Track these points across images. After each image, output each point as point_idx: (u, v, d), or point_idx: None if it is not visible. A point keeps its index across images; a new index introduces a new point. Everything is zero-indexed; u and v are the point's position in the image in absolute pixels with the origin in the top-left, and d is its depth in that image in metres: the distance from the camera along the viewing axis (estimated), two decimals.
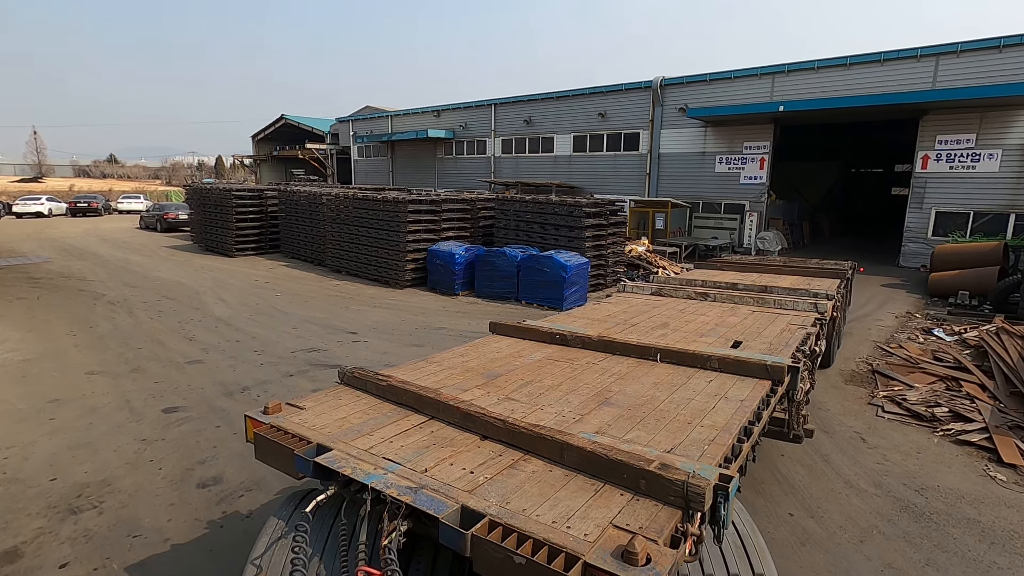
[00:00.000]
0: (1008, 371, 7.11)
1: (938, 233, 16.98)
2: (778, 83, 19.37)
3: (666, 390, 3.37)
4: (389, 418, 2.86)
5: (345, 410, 2.94)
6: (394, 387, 3.07)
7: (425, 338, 9.53)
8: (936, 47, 16.41)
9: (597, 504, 2.10)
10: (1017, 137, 15.54)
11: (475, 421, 2.72)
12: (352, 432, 2.66)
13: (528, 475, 2.32)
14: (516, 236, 14.69)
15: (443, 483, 2.22)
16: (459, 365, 3.73)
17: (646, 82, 22.79)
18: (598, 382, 3.50)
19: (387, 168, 36.97)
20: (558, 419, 2.87)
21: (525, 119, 27.60)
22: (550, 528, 1.93)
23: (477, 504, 2.05)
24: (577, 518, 2.00)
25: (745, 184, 20.85)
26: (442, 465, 2.38)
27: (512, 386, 3.37)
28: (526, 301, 12.43)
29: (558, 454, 2.42)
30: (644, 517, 2.02)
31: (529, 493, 2.17)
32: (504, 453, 2.50)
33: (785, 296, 6.29)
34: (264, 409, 2.84)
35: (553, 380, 3.51)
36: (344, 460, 2.36)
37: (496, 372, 3.61)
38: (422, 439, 2.63)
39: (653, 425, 2.85)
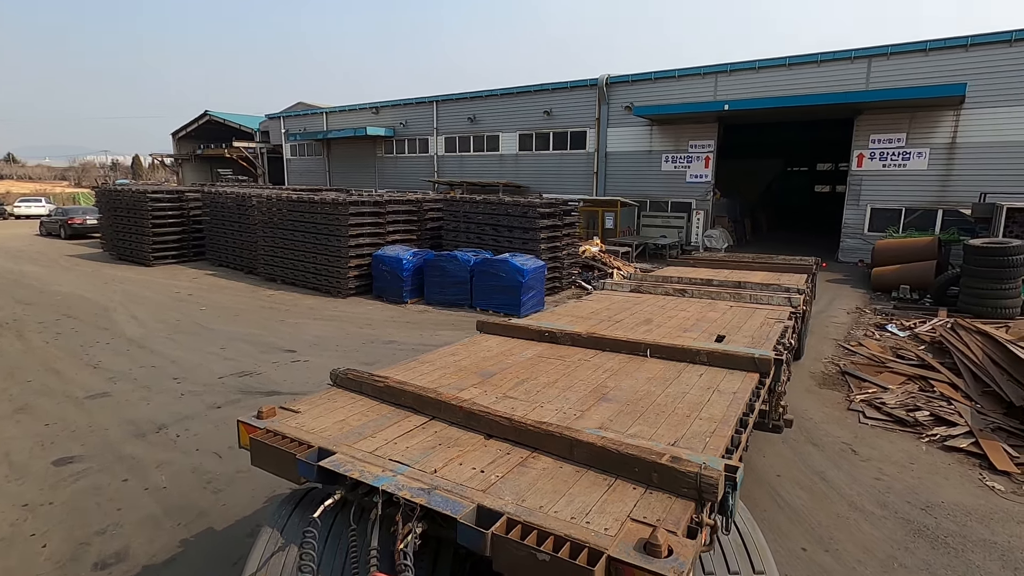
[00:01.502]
0: (976, 369, 7.08)
1: (874, 229, 17.63)
2: (721, 82, 19.58)
3: (660, 385, 3.41)
4: (390, 419, 2.81)
5: (343, 412, 2.87)
6: (392, 388, 3.01)
7: (374, 353, 8.63)
8: (869, 49, 17.01)
9: (612, 499, 2.11)
10: (943, 136, 16.32)
11: (479, 420, 2.69)
12: (354, 434, 2.62)
13: (539, 472, 2.31)
14: (467, 239, 13.93)
15: (455, 483, 2.19)
16: (452, 364, 3.67)
17: (592, 80, 22.56)
18: (593, 378, 3.51)
19: (323, 168, 35.15)
20: (559, 416, 2.87)
21: (469, 117, 26.82)
22: (569, 524, 1.92)
23: (493, 503, 2.03)
24: (595, 513, 2.01)
25: (691, 182, 21.00)
26: (451, 465, 2.35)
27: (508, 384, 3.35)
28: (480, 308, 11.71)
29: (567, 450, 2.41)
30: (660, 510, 2.04)
31: (543, 490, 2.16)
32: (512, 451, 2.49)
33: (759, 291, 6.39)
34: (258, 414, 2.76)
35: (548, 377, 3.50)
36: (350, 463, 2.31)
37: (490, 371, 3.58)
38: (427, 440, 2.60)
39: (653, 419, 2.87)
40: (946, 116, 16.13)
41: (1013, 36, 15.02)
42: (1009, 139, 15.39)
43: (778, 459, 5.44)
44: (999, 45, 15.23)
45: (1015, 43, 15.04)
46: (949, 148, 16.24)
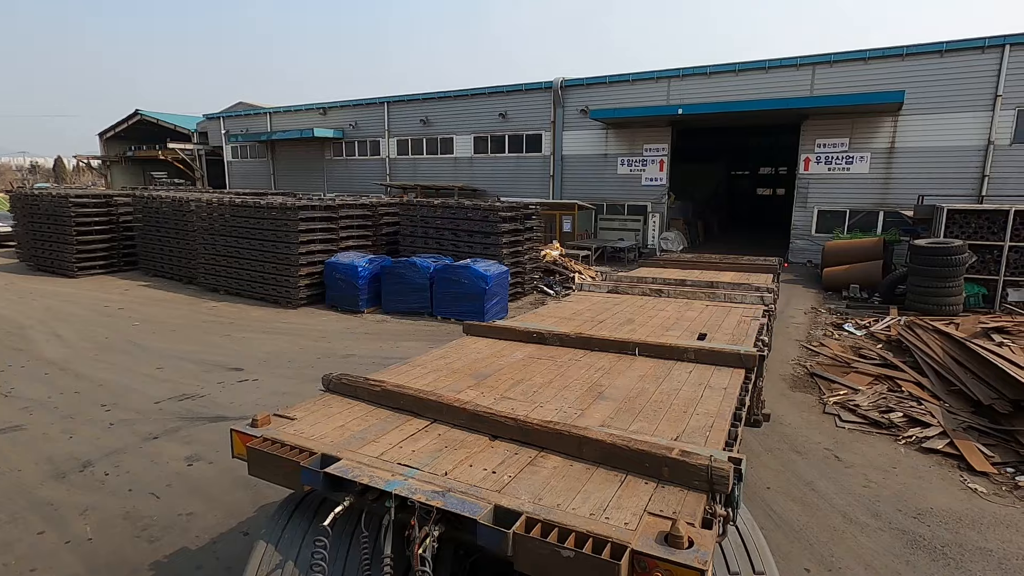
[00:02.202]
0: (939, 368, 7.21)
1: (821, 230, 18.25)
2: (674, 87, 19.85)
3: (653, 382, 3.46)
4: (390, 424, 2.78)
5: (340, 418, 2.84)
6: (390, 392, 2.99)
7: (332, 369, 7.88)
8: (813, 57, 17.62)
9: (626, 494, 2.14)
10: (883, 141, 17.07)
11: (484, 421, 2.68)
12: (356, 440, 2.58)
13: (550, 471, 2.32)
14: (425, 244, 13.41)
15: (469, 485, 2.18)
16: (444, 367, 3.66)
17: (547, 83, 22.44)
18: (587, 377, 3.54)
19: (267, 170, 33.58)
20: (560, 415, 2.88)
21: (421, 119, 26.19)
22: (589, 520, 1.95)
23: (510, 503, 2.03)
24: (612, 509, 2.03)
25: (646, 185, 21.19)
26: (462, 467, 2.34)
27: (504, 385, 3.35)
28: (442, 316, 11.23)
29: (576, 449, 2.43)
30: (674, 503, 2.07)
31: (557, 489, 2.18)
32: (520, 452, 2.49)
33: (732, 291, 6.53)
34: (252, 422, 2.69)
35: (543, 378, 3.51)
36: (358, 468, 2.27)
37: (484, 373, 3.57)
38: (432, 443, 2.58)
39: (652, 416, 2.91)
40: (885, 122, 16.89)
41: (944, 47, 15.88)
42: (942, 144, 16.25)
43: (765, 470, 5.27)
44: (932, 55, 16.07)
45: (946, 54, 15.91)
46: (888, 152, 17.00)
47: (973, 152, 15.93)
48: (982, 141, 15.79)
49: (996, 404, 5.85)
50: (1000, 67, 15.27)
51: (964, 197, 15.74)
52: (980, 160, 15.86)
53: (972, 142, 15.89)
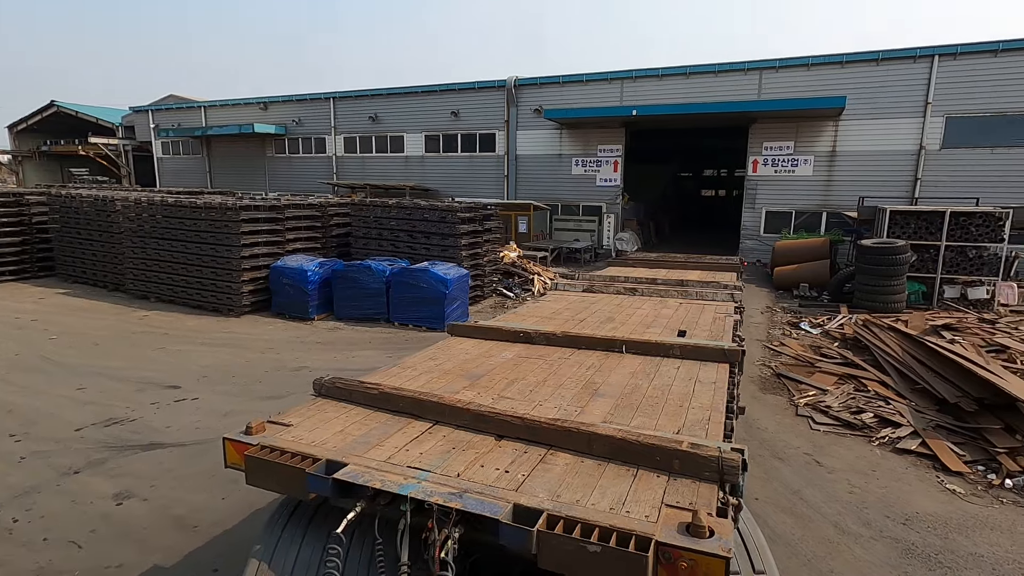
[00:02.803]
0: (900, 366, 7.35)
1: (769, 230, 18.80)
2: (627, 88, 19.96)
3: (645, 378, 3.50)
4: (391, 427, 2.75)
5: (338, 423, 2.79)
6: (388, 394, 2.96)
7: (283, 385, 7.36)
8: (760, 62, 18.11)
9: (641, 487, 2.16)
10: (825, 145, 17.75)
11: (489, 421, 2.67)
12: (359, 444, 2.55)
13: (563, 468, 2.33)
14: (379, 246, 12.78)
15: (484, 485, 2.17)
16: (435, 368, 3.63)
17: (500, 81, 22.11)
18: (580, 375, 3.56)
19: (203, 168, 31.60)
20: (561, 413, 2.87)
21: (370, 116, 25.28)
22: (610, 515, 1.96)
23: (529, 501, 2.02)
24: (630, 503, 2.05)
25: (601, 186, 21.23)
26: (473, 468, 2.33)
27: (500, 385, 3.33)
28: (399, 322, 10.68)
29: (585, 445, 2.44)
30: (688, 494, 2.10)
31: (573, 485, 2.19)
32: (529, 450, 2.49)
33: (703, 289, 6.68)
34: (246, 429, 2.59)
35: (536, 377, 3.51)
36: (368, 473, 2.22)
37: (476, 373, 3.55)
38: (439, 445, 2.56)
39: (650, 411, 2.94)
40: (827, 126, 17.57)
41: (880, 56, 16.66)
42: (879, 148, 17.05)
43: (751, 479, 5.10)
44: (869, 63, 16.83)
45: (882, 62, 16.70)
46: (830, 156, 17.69)
47: (907, 156, 16.80)
48: (915, 146, 16.68)
49: (962, 402, 5.96)
50: (930, 76, 16.16)
51: (899, 199, 16.56)
52: (913, 164, 16.75)
53: (906, 147, 16.75)
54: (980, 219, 12.19)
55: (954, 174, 16.27)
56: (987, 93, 15.72)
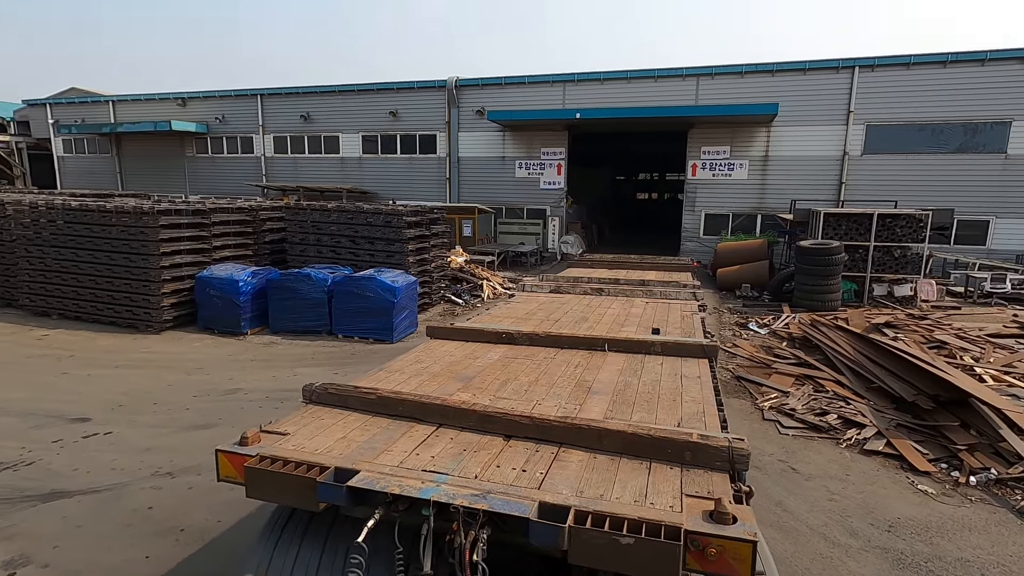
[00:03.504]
0: (854, 365, 7.51)
1: (708, 232, 19.32)
2: (569, 91, 19.96)
3: (633, 375, 3.55)
4: (395, 431, 2.70)
5: (338, 430, 2.71)
6: (387, 399, 2.91)
7: (215, 411, 6.55)
8: (697, 68, 18.59)
9: (658, 480, 2.21)
10: (759, 150, 18.45)
11: (496, 422, 2.66)
12: (366, 450, 2.49)
13: (578, 465, 2.35)
14: (318, 253, 11.93)
15: (505, 485, 2.16)
16: (423, 371, 3.61)
17: (440, 81, 21.54)
18: (570, 374, 3.58)
19: (112, 168, 28.90)
20: (561, 411, 2.88)
21: (302, 114, 23.96)
22: (636, 508, 1.99)
23: (554, 498, 2.04)
24: (652, 495, 2.09)
25: (545, 189, 21.11)
26: (490, 469, 2.32)
27: (493, 386, 3.33)
28: (343, 335, 9.95)
29: (596, 441, 2.48)
30: (704, 484, 2.17)
31: (593, 481, 2.21)
32: (540, 449, 2.50)
33: (665, 288, 6.90)
34: (241, 440, 2.47)
35: (528, 377, 3.51)
36: (383, 479, 2.16)
37: (466, 375, 3.54)
38: (449, 447, 2.53)
39: (646, 406, 3.00)
40: (760, 132, 18.27)
41: (807, 66, 17.51)
42: (808, 154, 17.92)
43: None
44: (797, 72, 17.65)
45: (808, 71, 17.55)
46: (764, 160, 18.42)
47: (832, 161, 17.75)
48: (839, 151, 17.64)
49: (919, 400, 6.09)
50: (852, 86, 17.15)
51: (827, 201, 17.45)
52: (838, 168, 17.71)
53: (831, 152, 17.69)
54: (904, 221, 12.95)
55: (874, 178, 17.34)
56: (902, 103, 16.87)
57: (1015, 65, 15.89)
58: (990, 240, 16.73)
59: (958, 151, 16.68)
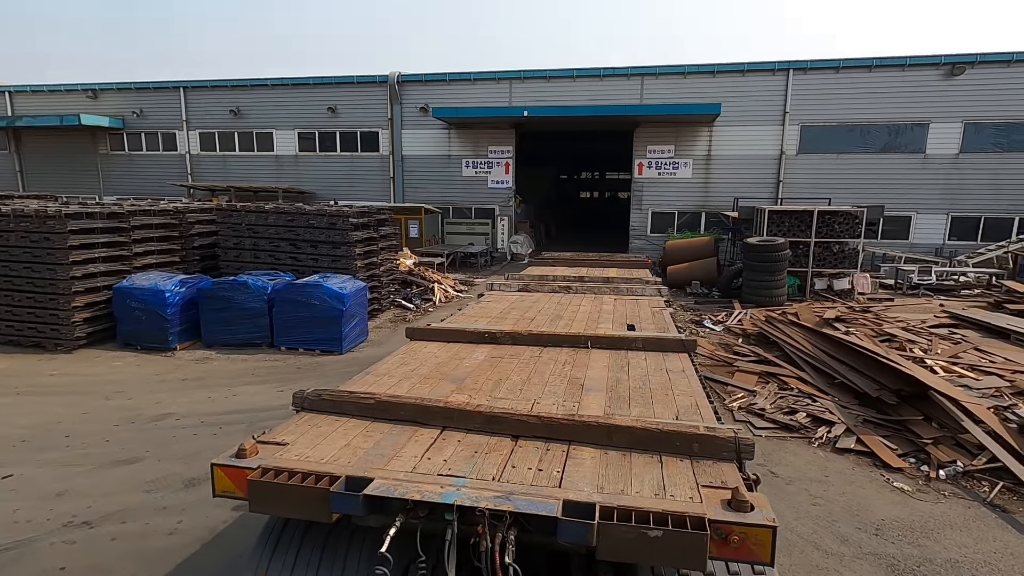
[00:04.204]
0: (814, 361, 7.60)
1: (655, 230, 19.58)
2: (515, 89, 19.67)
3: (622, 371, 3.58)
4: (400, 436, 2.64)
5: (339, 437, 2.64)
6: (387, 403, 2.85)
7: (141, 441, 5.75)
8: (641, 68, 18.77)
9: (672, 472, 2.27)
10: (702, 149, 18.86)
11: (503, 422, 2.64)
12: (375, 457, 2.43)
13: (592, 461, 2.37)
14: (254, 258, 11.03)
15: (526, 485, 2.16)
16: (412, 374, 3.54)
17: (381, 76, 20.70)
18: (560, 372, 3.59)
19: (11, 166, 26.02)
20: (562, 409, 2.89)
21: (231, 109, 22.41)
22: (658, 501, 2.02)
23: (577, 496, 2.05)
24: (670, 487, 2.14)
25: (493, 188, 20.74)
26: (506, 470, 2.30)
27: (487, 386, 3.30)
28: (286, 347, 9.19)
29: (606, 437, 2.51)
30: (715, 474, 2.24)
31: (610, 477, 2.23)
32: (551, 447, 2.51)
33: (631, 285, 6.98)
34: (238, 452, 2.38)
35: (520, 376, 3.50)
36: (401, 485, 2.11)
37: (457, 376, 3.50)
38: (460, 450, 2.50)
39: (642, 401, 3.06)
40: (703, 132, 18.68)
41: (745, 68, 18.05)
42: (748, 153, 18.48)
43: None
44: (736, 74, 18.16)
45: (747, 73, 18.09)
46: (707, 159, 18.84)
47: (770, 160, 18.39)
48: (777, 151, 18.29)
49: (883, 395, 6.17)
50: (787, 88, 17.82)
51: (766, 199, 18.05)
52: (776, 167, 18.37)
53: (770, 151, 18.33)
54: (841, 217, 13.50)
55: (809, 177, 18.10)
56: (832, 105, 17.69)
57: (931, 71, 17.01)
58: (912, 234, 17.84)
59: (883, 151, 17.69)
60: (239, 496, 2.31)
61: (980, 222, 17.44)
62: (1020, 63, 16.40)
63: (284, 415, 6.49)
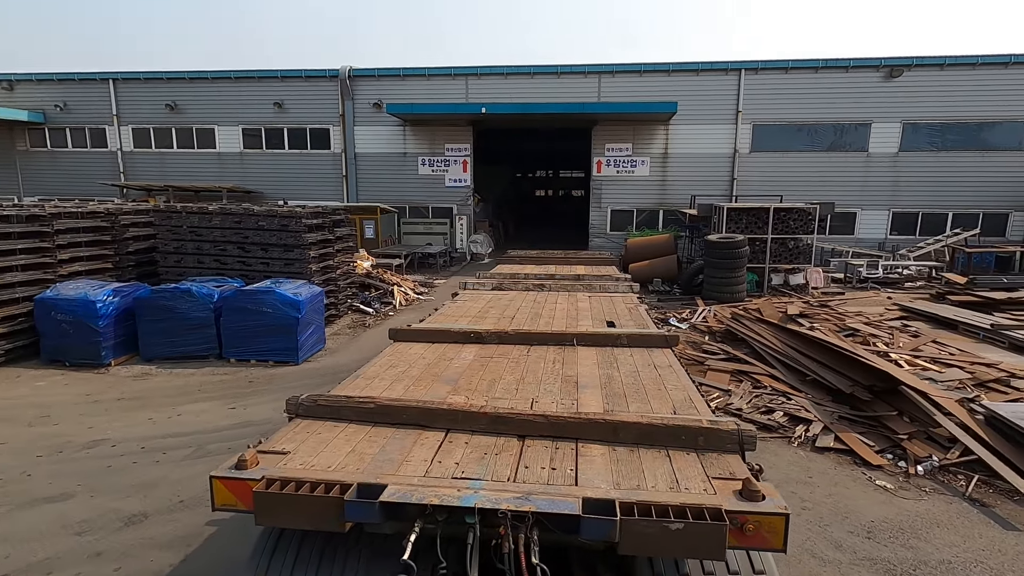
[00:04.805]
0: (784, 358, 7.62)
1: (614, 228, 19.64)
2: (472, 85, 19.29)
3: (612, 368, 3.59)
4: (405, 440, 2.60)
5: (343, 443, 2.58)
6: (388, 407, 2.80)
7: (70, 474, 5.09)
8: (598, 66, 18.76)
9: (682, 466, 2.31)
10: (659, 147, 19.04)
11: (509, 423, 2.65)
12: (383, 463, 2.38)
13: (602, 458, 2.39)
14: (198, 264, 10.25)
15: (543, 485, 2.18)
16: (403, 376, 3.49)
17: (332, 71, 19.87)
18: (552, 370, 3.59)
19: None
20: (561, 407, 2.91)
21: (168, 103, 21.02)
22: (674, 494, 2.07)
23: (595, 493, 2.07)
24: (683, 480, 2.18)
25: (451, 187, 20.30)
26: (519, 470, 2.31)
27: (483, 386, 3.28)
28: (236, 358, 8.54)
29: (612, 434, 2.54)
30: (722, 466, 2.31)
31: (622, 472, 2.26)
32: (559, 446, 2.52)
33: (602, 282, 7.00)
34: (238, 463, 2.29)
35: (512, 375, 3.49)
36: (417, 490, 2.09)
37: (450, 376, 3.47)
38: (469, 452, 2.48)
39: (637, 397, 3.09)
40: (659, 130, 18.85)
41: (700, 67, 18.32)
42: (703, 151, 18.79)
43: None
44: (691, 73, 18.41)
45: (701, 73, 18.38)
46: (664, 157, 19.04)
47: (725, 158, 18.76)
48: (730, 149, 18.68)
49: (857, 392, 6.20)
50: (739, 88, 18.20)
51: (721, 196, 18.38)
52: (730, 165, 18.76)
53: (724, 150, 18.69)
54: (796, 214, 13.83)
55: (762, 174, 18.57)
56: (782, 105, 18.20)
57: (872, 73, 17.75)
58: (857, 230, 18.59)
59: (830, 149, 18.34)
60: (240, 509, 2.24)
61: (918, 217, 18.36)
62: (953, 66, 17.34)
63: (237, 436, 5.97)
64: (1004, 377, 6.65)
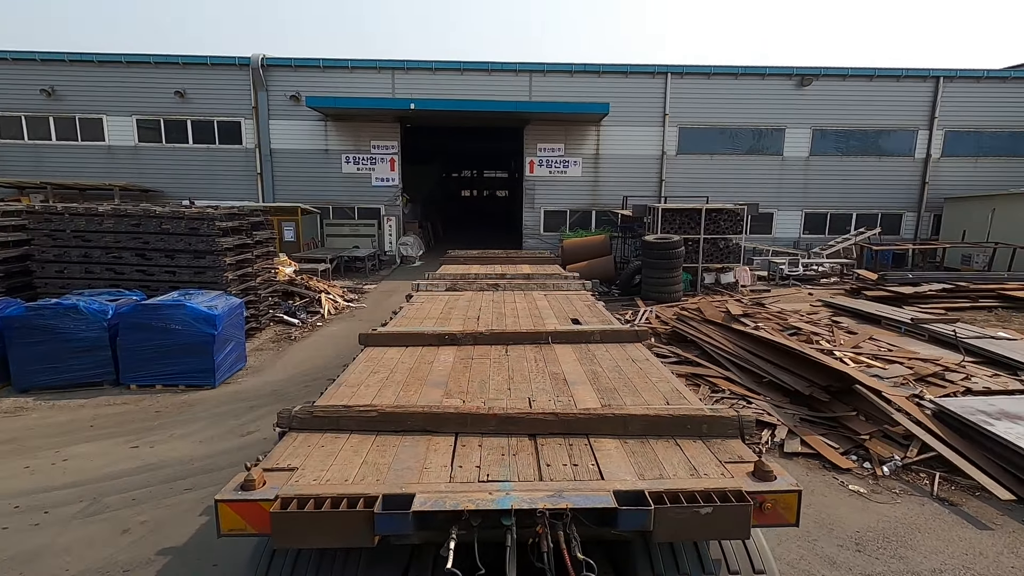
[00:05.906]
0: (737, 360, 7.59)
1: (548, 229, 19.48)
2: (399, 80, 18.38)
3: (593, 364, 3.67)
4: (416, 447, 2.53)
5: (351, 454, 2.47)
6: (392, 415, 2.73)
7: None
8: (529, 64, 18.49)
9: (693, 453, 2.39)
10: (590, 148, 19.08)
11: (519, 423, 2.66)
12: (402, 471, 2.30)
13: (617, 451, 2.43)
14: (87, 274, 8.81)
15: (571, 481, 2.20)
16: (388, 381, 3.40)
17: (242, 59, 18.20)
18: (537, 368, 3.60)
19: None
20: (560, 405, 2.94)
21: (45, 88, 18.37)
22: (695, 481, 2.14)
23: (623, 485, 2.11)
24: (700, 467, 2.26)
25: (378, 186, 19.27)
26: (543, 468, 2.32)
27: (474, 387, 3.28)
28: (139, 384, 7.37)
29: (621, 427, 2.60)
30: (728, 450, 2.41)
31: (641, 463, 2.31)
32: (573, 442, 2.54)
33: (554, 281, 7.10)
34: (244, 484, 2.12)
35: (500, 376, 3.49)
36: (447, 497, 2.04)
37: (437, 380, 3.42)
38: (486, 455, 2.46)
39: (628, 390, 3.14)
40: (591, 131, 18.89)
41: (628, 69, 18.54)
42: (633, 152, 19.05)
43: None
44: (620, 75, 18.59)
45: (630, 75, 18.60)
46: (595, 158, 19.11)
47: (653, 160, 19.12)
48: (658, 151, 19.07)
49: (815, 393, 6.21)
50: (666, 91, 18.61)
51: (651, 197, 18.73)
52: (659, 167, 19.15)
53: (652, 151, 19.05)
54: (725, 215, 14.23)
55: (688, 176, 19.11)
56: (706, 109, 18.82)
57: (785, 80, 18.76)
58: (775, 229, 19.61)
59: (749, 152, 19.20)
60: (251, 533, 2.11)
61: (827, 218, 19.66)
62: (854, 77, 18.70)
63: (144, 482, 4.97)
64: (940, 371, 6.96)
